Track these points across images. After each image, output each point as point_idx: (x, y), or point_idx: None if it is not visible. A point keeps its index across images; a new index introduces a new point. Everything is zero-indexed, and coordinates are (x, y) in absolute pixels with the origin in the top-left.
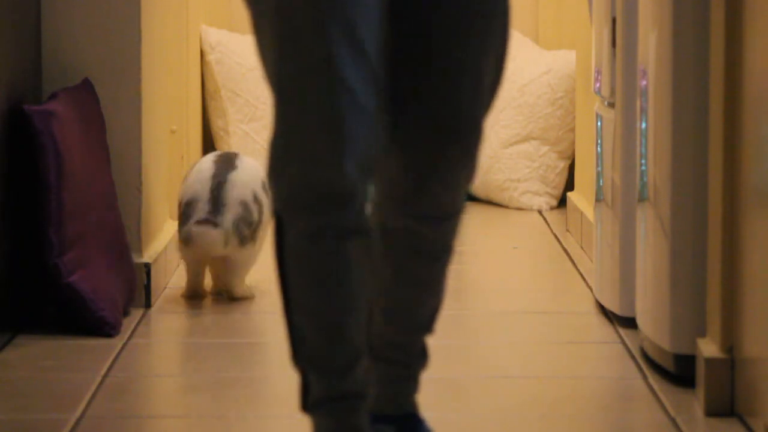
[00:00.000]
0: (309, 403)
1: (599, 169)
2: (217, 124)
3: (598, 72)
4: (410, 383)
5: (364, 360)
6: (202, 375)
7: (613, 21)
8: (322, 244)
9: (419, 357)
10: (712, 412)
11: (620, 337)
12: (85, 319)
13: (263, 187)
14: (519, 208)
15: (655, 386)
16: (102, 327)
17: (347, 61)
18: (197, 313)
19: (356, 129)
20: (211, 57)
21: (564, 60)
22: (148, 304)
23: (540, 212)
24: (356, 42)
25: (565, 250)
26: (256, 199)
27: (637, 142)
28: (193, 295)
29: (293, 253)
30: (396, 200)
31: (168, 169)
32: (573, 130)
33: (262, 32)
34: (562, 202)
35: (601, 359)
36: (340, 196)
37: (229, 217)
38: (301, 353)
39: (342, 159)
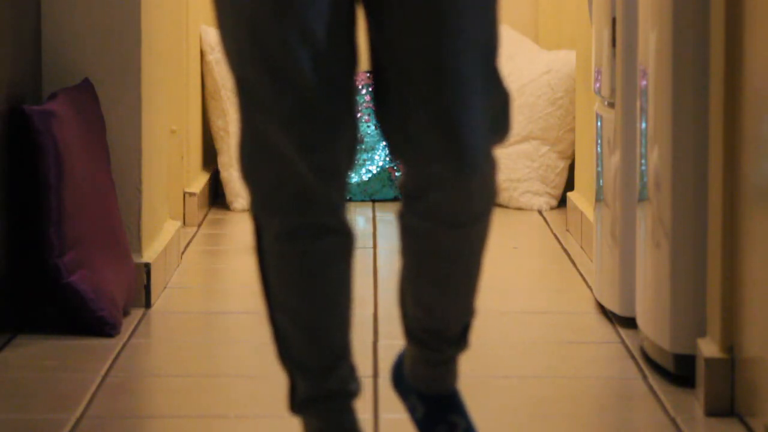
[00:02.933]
0: (296, 403)
1: (599, 169)
2: (217, 124)
3: (598, 72)
4: (443, 367)
5: (348, 357)
6: (202, 375)
7: (613, 21)
8: (296, 244)
9: (454, 343)
10: (712, 412)
11: (620, 337)
12: (85, 319)
13: None
14: (519, 208)
15: (655, 386)
16: (102, 327)
17: (306, 64)
18: (197, 312)
19: (320, 130)
20: (211, 57)
21: (564, 60)
22: (148, 304)
23: (540, 212)
24: (314, 44)
25: (565, 250)
26: None
27: (637, 142)
28: None
29: (270, 254)
30: (408, 198)
31: (168, 169)
32: (573, 130)
33: (224, 38)
34: (562, 202)
35: (601, 359)
36: (310, 195)
37: None
38: (285, 353)
39: (307, 160)
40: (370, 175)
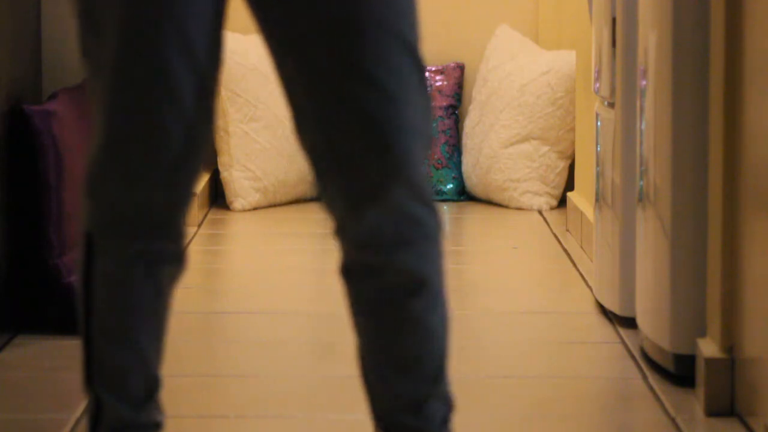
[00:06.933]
0: (101, 430)
1: (599, 169)
2: (217, 124)
3: (598, 72)
4: None
5: (160, 389)
6: (202, 375)
7: (613, 21)
8: (134, 271)
9: (434, 419)
10: (712, 412)
11: (620, 337)
12: None
13: None
14: (519, 208)
15: (655, 386)
16: None
17: (182, 76)
18: (197, 312)
19: (180, 153)
20: None
21: (564, 60)
22: None
23: (540, 212)
24: (193, 57)
25: (565, 250)
26: None
27: (637, 142)
28: None
29: (103, 276)
30: (339, 231)
31: None
32: (573, 130)
33: (95, 45)
34: (562, 202)
35: (601, 359)
36: (157, 223)
37: None
38: (98, 378)
39: (162, 184)
40: None
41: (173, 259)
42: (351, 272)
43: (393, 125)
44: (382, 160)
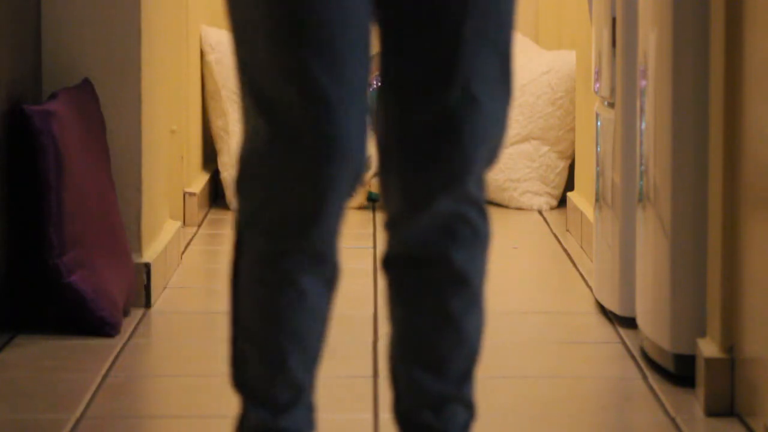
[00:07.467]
0: (244, 430)
1: (599, 169)
2: (217, 124)
3: (598, 72)
4: None
5: (308, 397)
6: (202, 375)
7: (613, 21)
8: (278, 271)
9: (454, 422)
10: (712, 412)
11: (620, 337)
12: (85, 319)
13: None
14: (519, 208)
15: (655, 386)
16: (102, 327)
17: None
18: (197, 312)
19: (339, 143)
20: (211, 57)
21: (564, 60)
22: (148, 304)
23: (540, 212)
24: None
25: (565, 250)
26: None
27: (637, 142)
28: None
29: (247, 276)
30: (391, 225)
31: (168, 169)
32: (573, 130)
33: (248, 42)
34: (562, 202)
35: (601, 359)
36: (309, 219)
37: None
38: (241, 379)
39: (319, 176)
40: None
41: (324, 261)
42: (395, 262)
43: (468, 131)
44: (447, 163)
